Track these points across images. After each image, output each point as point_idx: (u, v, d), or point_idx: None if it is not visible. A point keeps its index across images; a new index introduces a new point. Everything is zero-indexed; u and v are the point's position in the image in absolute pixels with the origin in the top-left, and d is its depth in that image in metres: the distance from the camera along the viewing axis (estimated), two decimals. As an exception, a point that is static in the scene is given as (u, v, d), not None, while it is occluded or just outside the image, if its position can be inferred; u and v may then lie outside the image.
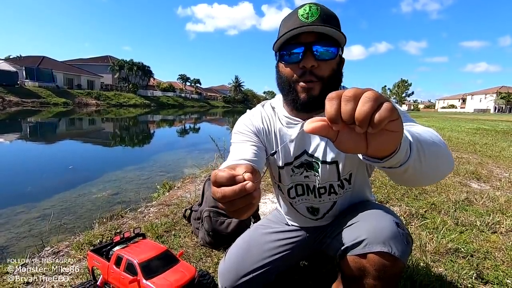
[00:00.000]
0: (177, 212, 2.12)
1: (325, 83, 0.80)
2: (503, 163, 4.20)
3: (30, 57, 36.86)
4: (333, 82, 0.82)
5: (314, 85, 0.80)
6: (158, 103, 42.49)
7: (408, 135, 0.55)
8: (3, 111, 18.51)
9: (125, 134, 10.97)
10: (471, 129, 10.61)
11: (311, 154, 0.93)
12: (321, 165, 0.92)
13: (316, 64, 0.78)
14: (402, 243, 0.78)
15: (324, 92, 0.80)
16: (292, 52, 0.80)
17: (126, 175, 4.26)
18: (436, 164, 0.61)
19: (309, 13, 0.78)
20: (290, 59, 0.81)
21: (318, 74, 0.80)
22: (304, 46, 0.78)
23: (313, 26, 0.76)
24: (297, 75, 0.81)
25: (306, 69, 0.79)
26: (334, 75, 0.82)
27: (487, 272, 1.38)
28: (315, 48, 0.78)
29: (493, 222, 1.94)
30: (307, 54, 0.78)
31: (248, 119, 0.97)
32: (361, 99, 0.39)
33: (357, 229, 0.82)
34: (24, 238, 2.26)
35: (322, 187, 0.96)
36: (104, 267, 0.98)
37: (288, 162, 0.96)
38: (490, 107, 63.30)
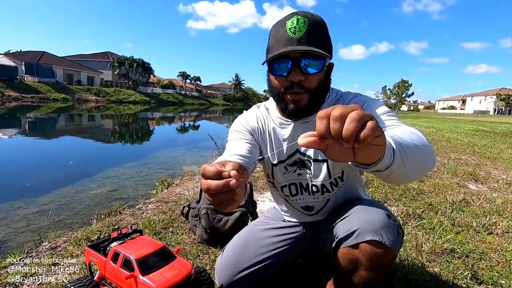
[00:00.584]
0: (175, 209, 2.13)
1: (312, 93, 0.85)
2: (501, 165, 4.21)
3: (30, 52, 36.73)
4: (320, 91, 0.87)
5: (302, 97, 0.85)
6: (158, 100, 42.41)
7: (391, 141, 0.59)
8: (2, 106, 18.47)
9: (125, 131, 10.96)
10: (470, 131, 10.64)
11: (303, 152, 0.98)
12: (313, 163, 0.97)
13: (303, 78, 0.82)
14: (393, 233, 0.81)
15: (311, 102, 0.86)
16: (280, 66, 0.84)
17: (125, 171, 4.27)
18: (418, 164, 0.67)
19: (296, 28, 0.80)
20: (279, 73, 0.85)
21: (306, 86, 0.84)
22: (291, 60, 0.81)
23: (299, 47, 0.79)
24: (285, 87, 0.85)
25: (293, 82, 0.83)
26: (321, 85, 0.86)
27: (482, 272, 1.40)
28: (302, 63, 0.81)
29: (490, 223, 1.95)
30: (294, 69, 0.81)
31: (244, 119, 1.03)
32: (347, 119, 0.43)
33: (350, 221, 0.87)
34: (22, 233, 2.27)
35: (314, 185, 1.00)
36: (101, 263, 0.98)
37: (282, 160, 1.01)
38: (489, 108, 63.38)
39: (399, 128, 0.75)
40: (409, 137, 0.67)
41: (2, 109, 16.81)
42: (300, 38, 0.80)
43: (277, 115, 0.98)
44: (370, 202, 0.95)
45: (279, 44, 0.82)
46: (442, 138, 7.54)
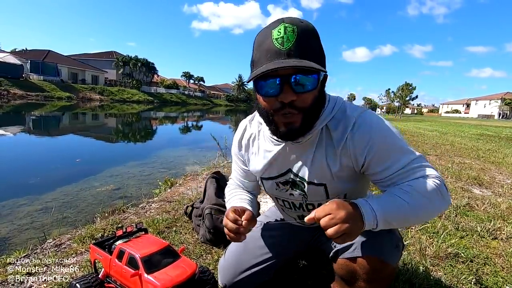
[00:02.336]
0: (178, 209, 2.13)
1: (306, 113, 0.74)
2: (506, 170, 4.18)
3: (35, 51, 37.01)
4: (314, 110, 0.76)
5: (295, 118, 0.74)
6: (161, 99, 42.58)
7: (378, 217, 0.70)
8: (7, 104, 18.62)
9: (128, 130, 11.01)
10: (474, 135, 10.56)
11: (296, 173, 0.88)
12: (308, 185, 0.88)
13: (296, 98, 0.71)
14: (392, 248, 0.80)
15: (305, 122, 0.76)
16: (268, 84, 0.72)
17: (128, 170, 4.29)
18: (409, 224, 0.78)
19: (284, 38, 0.68)
20: (267, 92, 0.73)
21: (298, 106, 0.73)
22: (280, 78, 0.70)
23: (290, 60, 0.68)
24: (275, 108, 0.74)
25: (285, 103, 0.72)
26: (315, 103, 0.75)
27: (486, 278, 1.39)
28: (294, 80, 0.70)
29: (494, 228, 1.94)
30: (285, 88, 0.70)
31: (237, 141, 1.01)
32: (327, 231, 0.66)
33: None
34: (26, 230, 2.28)
35: (310, 204, 0.93)
36: (106, 261, 0.99)
37: (272, 176, 0.93)
38: (494, 113, 62.91)
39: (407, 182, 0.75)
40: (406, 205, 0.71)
41: (8, 107, 16.95)
42: (289, 50, 0.68)
43: (269, 133, 0.87)
44: None
45: (265, 57, 0.70)
46: (446, 142, 7.50)
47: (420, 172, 0.75)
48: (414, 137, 8.60)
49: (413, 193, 0.72)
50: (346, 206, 0.68)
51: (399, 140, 0.79)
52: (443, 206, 0.76)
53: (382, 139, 0.77)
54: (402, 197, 0.72)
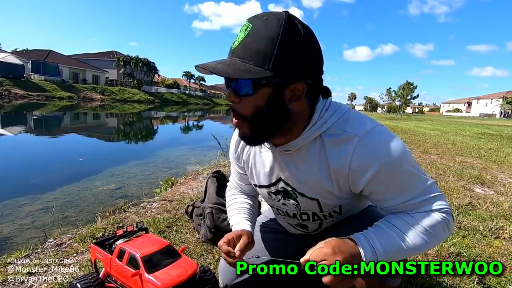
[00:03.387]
0: (179, 208, 2.13)
1: (250, 122, 0.67)
2: (508, 169, 4.16)
3: (36, 51, 37.09)
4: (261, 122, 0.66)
5: (241, 126, 0.69)
6: (162, 99, 42.62)
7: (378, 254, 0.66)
8: (9, 104, 18.67)
9: (129, 130, 11.02)
10: (476, 134, 10.53)
11: (287, 182, 0.82)
12: (300, 196, 0.83)
13: (237, 100, 0.66)
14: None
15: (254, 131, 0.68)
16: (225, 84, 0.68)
17: (129, 170, 4.29)
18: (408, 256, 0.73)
19: (238, 36, 0.64)
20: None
21: (239, 112, 0.67)
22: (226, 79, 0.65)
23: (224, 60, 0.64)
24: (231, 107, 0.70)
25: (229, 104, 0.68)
26: (259, 114, 0.65)
27: (489, 277, 1.37)
28: (232, 83, 0.65)
29: (496, 227, 1.93)
30: (229, 88, 0.66)
31: (232, 146, 0.96)
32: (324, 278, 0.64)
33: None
34: (27, 230, 2.29)
35: (304, 213, 0.88)
36: (106, 260, 0.99)
37: (263, 185, 0.89)
38: (496, 112, 62.72)
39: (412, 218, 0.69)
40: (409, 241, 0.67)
41: (9, 107, 16.99)
42: (234, 49, 0.64)
43: None
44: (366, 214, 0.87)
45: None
46: (447, 141, 7.47)
47: (429, 205, 0.69)
48: (415, 136, 8.58)
49: (418, 229, 0.67)
50: (343, 250, 0.64)
51: (411, 167, 0.68)
52: (445, 237, 0.74)
53: (390, 169, 0.67)
54: (406, 234, 0.67)
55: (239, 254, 0.78)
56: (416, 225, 0.67)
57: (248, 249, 0.82)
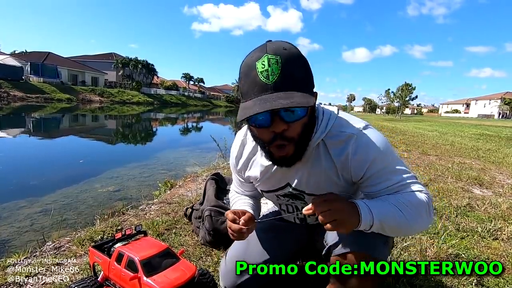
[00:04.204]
0: (178, 211, 2.13)
1: (297, 141, 0.76)
2: (506, 170, 4.17)
3: (35, 53, 37.03)
4: (306, 135, 0.78)
5: (287, 148, 0.77)
6: (161, 101, 42.61)
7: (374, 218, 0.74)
8: (7, 106, 18.64)
9: (128, 132, 11.01)
10: (474, 135, 10.56)
11: (295, 187, 0.91)
12: (307, 196, 0.92)
13: (287, 127, 0.73)
14: (380, 243, 0.82)
15: (298, 149, 0.78)
16: (259, 118, 0.74)
17: (128, 172, 4.28)
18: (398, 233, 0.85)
19: (269, 71, 0.68)
20: (259, 125, 0.75)
21: (289, 136, 0.75)
22: (271, 111, 0.70)
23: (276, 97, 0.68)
24: (268, 138, 0.76)
25: (277, 133, 0.74)
26: (306, 129, 0.77)
27: (487, 279, 1.38)
28: (283, 112, 0.72)
29: (495, 228, 1.93)
30: (276, 119, 0.72)
31: (234, 158, 1.01)
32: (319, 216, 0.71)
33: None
34: (26, 233, 2.28)
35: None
36: (105, 263, 0.99)
37: (272, 189, 0.97)
38: (494, 112, 62.91)
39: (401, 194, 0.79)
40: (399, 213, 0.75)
41: (8, 109, 16.96)
42: (274, 83, 0.68)
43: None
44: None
45: (252, 91, 0.71)
46: (446, 142, 7.49)
47: (412, 186, 0.80)
48: (414, 137, 8.59)
49: (406, 203, 0.77)
50: (343, 199, 0.75)
51: (396, 159, 0.84)
52: (428, 222, 0.82)
53: (382, 159, 0.80)
54: (397, 205, 0.76)
55: (244, 222, 0.86)
56: (405, 199, 0.78)
57: (251, 224, 0.88)
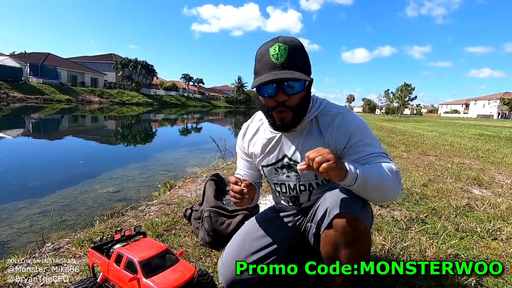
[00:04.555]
0: (178, 211, 2.13)
1: (295, 110, 1.00)
2: (505, 170, 4.18)
3: (34, 54, 36.99)
4: (302, 107, 1.02)
5: (287, 114, 1.00)
6: (160, 102, 42.60)
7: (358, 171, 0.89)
8: (7, 107, 18.61)
9: (127, 132, 11.00)
10: (474, 135, 10.57)
11: (290, 157, 1.12)
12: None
13: (287, 98, 0.97)
14: (359, 206, 0.96)
15: (295, 117, 1.02)
16: (268, 89, 0.98)
17: (127, 173, 4.28)
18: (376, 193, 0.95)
19: (278, 54, 0.94)
20: (267, 94, 0.99)
21: (289, 105, 0.99)
22: (276, 84, 0.96)
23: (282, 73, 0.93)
24: (272, 106, 1.00)
25: (279, 102, 0.98)
26: (302, 102, 1.01)
27: (487, 279, 1.38)
28: (285, 85, 0.96)
29: (494, 228, 1.94)
30: (279, 91, 0.96)
31: (240, 139, 1.25)
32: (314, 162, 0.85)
33: (323, 204, 1.01)
34: (25, 234, 2.27)
35: (302, 185, 1.15)
36: (104, 265, 0.99)
37: (271, 163, 1.17)
38: (493, 113, 62.99)
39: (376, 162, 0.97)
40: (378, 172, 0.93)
41: (7, 110, 16.94)
42: (282, 63, 0.94)
43: (269, 127, 1.14)
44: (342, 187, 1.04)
45: (264, 69, 0.96)
46: (445, 142, 7.50)
47: (385, 158, 0.99)
48: (413, 137, 8.59)
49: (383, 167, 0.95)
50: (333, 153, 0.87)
51: (373, 136, 1.05)
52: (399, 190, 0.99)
53: (361, 131, 1.03)
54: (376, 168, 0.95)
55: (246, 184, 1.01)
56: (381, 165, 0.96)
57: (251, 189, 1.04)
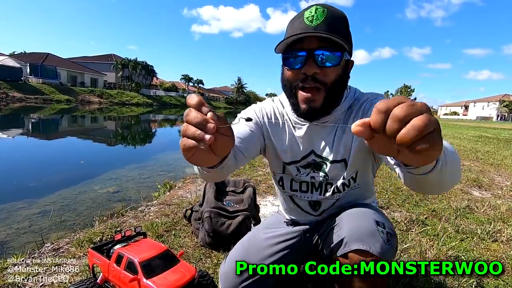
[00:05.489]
0: (178, 212, 2.12)
1: (328, 89, 0.79)
2: (505, 172, 4.18)
3: (34, 54, 37.01)
4: (337, 88, 0.80)
5: (315, 94, 0.79)
6: (160, 102, 42.61)
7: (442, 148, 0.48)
8: (6, 107, 18.59)
9: (127, 133, 10.99)
10: (473, 137, 10.59)
11: (319, 154, 0.92)
12: (329, 165, 0.92)
13: (319, 71, 0.77)
14: (382, 242, 0.76)
15: (326, 100, 0.80)
16: (295, 57, 0.78)
17: (127, 173, 4.27)
18: (452, 174, 0.59)
19: (314, 16, 0.76)
20: (293, 64, 0.79)
21: (321, 80, 0.78)
22: (306, 51, 0.76)
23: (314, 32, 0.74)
24: (298, 80, 0.79)
25: (307, 75, 0.77)
26: (338, 81, 0.79)
27: (487, 281, 1.38)
28: (318, 54, 0.76)
29: (494, 230, 1.94)
30: (309, 60, 0.76)
31: (258, 108, 0.98)
32: (410, 124, 0.36)
33: (339, 229, 0.83)
34: (24, 234, 2.26)
35: (329, 183, 0.95)
36: (104, 265, 0.98)
37: (295, 160, 0.96)
38: (492, 115, 63.13)
39: None
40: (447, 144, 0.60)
41: (6, 110, 16.92)
42: (316, 26, 0.75)
43: (292, 113, 0.92)
44: (363, 206, 0.91)
45: (294, 32, 0.77)
46: (445, 144, 7.49)
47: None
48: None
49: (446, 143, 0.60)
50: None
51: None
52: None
53: None
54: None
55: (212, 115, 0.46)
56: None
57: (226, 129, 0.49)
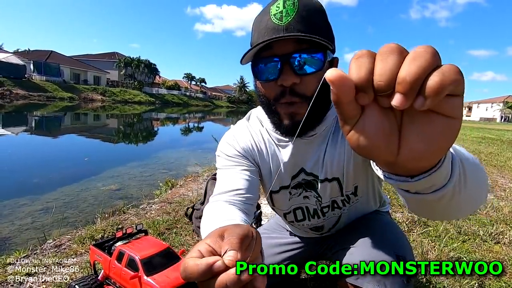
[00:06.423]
0: (179, 210, 2.13)
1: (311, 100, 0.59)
2: (508, 173, 4.16)
3: (38, 51, 37.21)
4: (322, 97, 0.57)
5: (298, 108, 0.64)
6: (163, 101, 42.71)
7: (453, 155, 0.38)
8: (10, 104, 18.70)
9: (129, 131, 11.03)
10: (476, 138, 10.52)
11: (309, 172, 0.79)
12: (320, 184, 0.80)
13: (298, 80, 0.62)
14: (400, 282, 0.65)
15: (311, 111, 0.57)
16: (267, 68, 0.63)
17: (129, 171, 4.28)
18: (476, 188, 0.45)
19: (283, 12, 0.61)
20: (266, 76, 0.64)
21: (301, 93, 0.63)
22: (280, 58, 0.61)
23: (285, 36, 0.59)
24: (275, 95, 0.65)
25: (285, 87, 0.62)
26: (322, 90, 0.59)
27: (489, 282, 1.37)
28: (294, 60, 0.61)
29: (497, 232, 1.92)
30: (285, 69, 0.61)
31: (233, 139, 0.81)
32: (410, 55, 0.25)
33: (354, 256, 0.71)
34: (26, 230, 2.28)
35: (325, 206, 0.84)
36: (105, 262, 0.99)
37: (285, 185, 0.83)
38: (496, 116, 62.72)
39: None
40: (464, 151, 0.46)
41: (10, 107, 17.03)
42: (288, 24, 0.60)
43: (273, 131, 0.77)
44: (383, 228, 0.79)
45: (262, 36, 0.62)
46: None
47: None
48: (415, 140, 8.56)
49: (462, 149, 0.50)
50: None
51: None
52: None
53: None
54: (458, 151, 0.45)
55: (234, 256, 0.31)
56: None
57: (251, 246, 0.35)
